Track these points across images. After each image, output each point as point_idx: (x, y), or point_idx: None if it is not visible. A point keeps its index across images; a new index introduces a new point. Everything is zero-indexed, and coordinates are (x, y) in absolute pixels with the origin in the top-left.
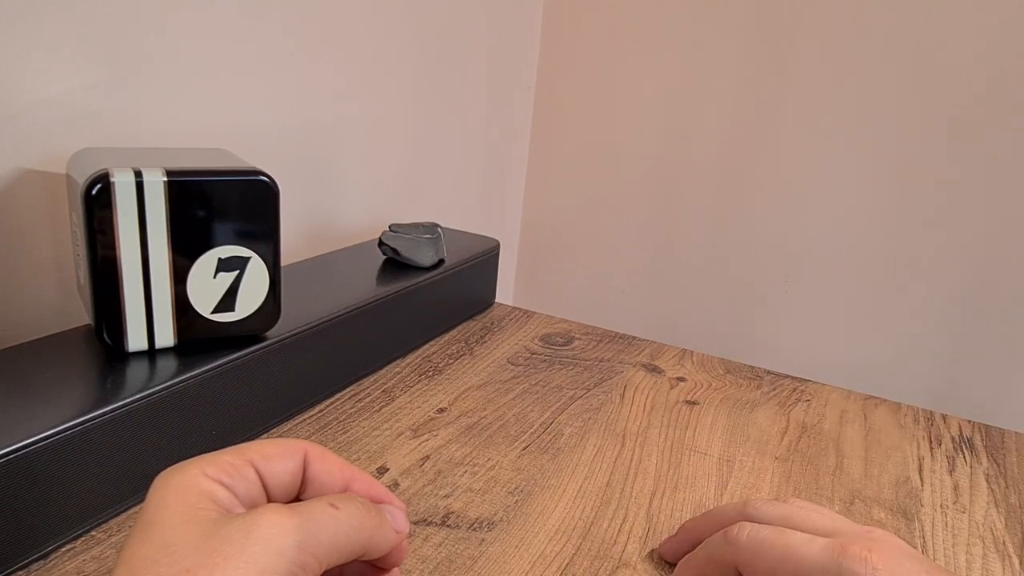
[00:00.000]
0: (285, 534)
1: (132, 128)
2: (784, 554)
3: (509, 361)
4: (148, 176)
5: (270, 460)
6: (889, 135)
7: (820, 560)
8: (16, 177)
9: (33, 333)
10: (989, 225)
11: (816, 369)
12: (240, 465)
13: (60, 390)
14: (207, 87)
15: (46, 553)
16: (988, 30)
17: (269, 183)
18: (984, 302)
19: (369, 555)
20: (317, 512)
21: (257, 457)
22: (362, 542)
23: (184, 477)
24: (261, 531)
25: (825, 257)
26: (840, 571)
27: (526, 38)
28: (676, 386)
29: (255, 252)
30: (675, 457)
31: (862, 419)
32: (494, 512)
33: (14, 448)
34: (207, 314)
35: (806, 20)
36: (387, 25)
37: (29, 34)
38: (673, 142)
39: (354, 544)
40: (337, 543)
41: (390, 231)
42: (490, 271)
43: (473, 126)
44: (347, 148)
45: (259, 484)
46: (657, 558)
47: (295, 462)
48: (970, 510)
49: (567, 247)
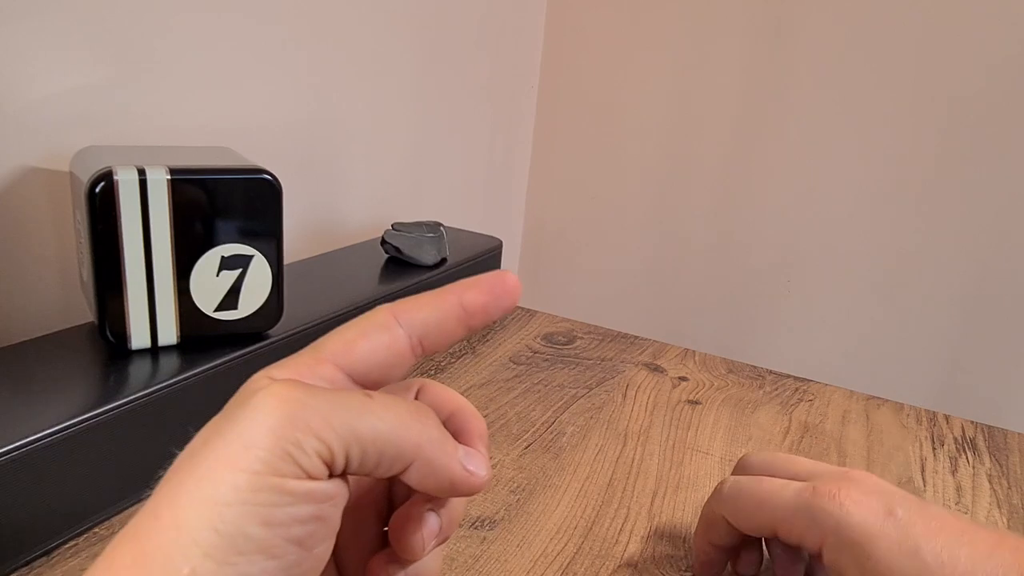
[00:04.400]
0: (275, 406)
1: (136, 126)
2: (760, 500)
3: (511, 360)
4: (151, 174)
5: (351, 346)
6: (891, 136)
7: (793, 502)
8: (20, 175)
9: (36, 330)
10: (992, 226)
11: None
12: (314, 364)
13: (63, 387)
14: (211, 86)
15: (49, 550)
16: (990, 30)
17: (272, 181)
18: (987, 302)
19: (422, 476)
20: (338, 392)
21: (335, 348)
22: (400, 444)
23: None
24: (254, 402)
25: (828, 257)
26: (811, 510)
27: (530, 37)
28: (678, 386)
29: (258, 250)
30: (677, 457)
31: (864, 419)
32: (496, 511)
33: (17, 445)
34: (210, 312)
35: (809, 21)
36: (390, 24)
37: (34, 32)
38: (676, 142)
39: (386, 442)
40: (358, 431)
41: (393, 229)
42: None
43: (476, 125)
44: (350, 147)
45: (344, 379)
46: (659, 557)
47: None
48: (972, 511)
49: (570, 246)
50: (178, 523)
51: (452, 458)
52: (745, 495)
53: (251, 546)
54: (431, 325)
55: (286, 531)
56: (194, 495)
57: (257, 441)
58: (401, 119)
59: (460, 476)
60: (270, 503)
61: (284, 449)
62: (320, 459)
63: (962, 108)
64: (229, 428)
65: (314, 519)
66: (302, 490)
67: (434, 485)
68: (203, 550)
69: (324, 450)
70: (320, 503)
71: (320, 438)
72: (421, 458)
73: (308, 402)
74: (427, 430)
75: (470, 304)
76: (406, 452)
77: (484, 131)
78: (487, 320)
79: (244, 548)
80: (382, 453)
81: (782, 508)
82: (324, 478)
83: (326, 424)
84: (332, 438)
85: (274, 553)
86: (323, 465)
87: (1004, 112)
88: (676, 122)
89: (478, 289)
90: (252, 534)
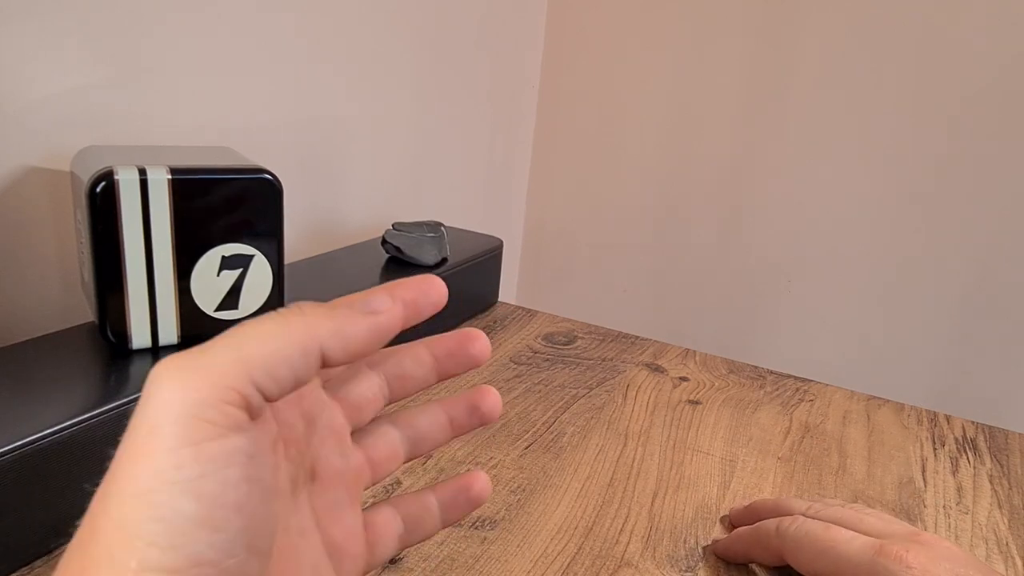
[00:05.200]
0: (165, 381)
1: (136, 126)
2: (825, 547)
3: (512, 360)
4: (152, 174)
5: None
6: (892, 136)
7: (857, 556)
8: (21, 174)
9: (37, 330)
10: (993, 226)
11: (819, 369)
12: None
13: (64, 387)
14: (211, 85)
15: (49, 549)
16: (992, 30)
17: (273, 181)
18: (988, 302)
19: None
20: (214, 341)
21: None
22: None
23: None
24: (147, 388)
25: (828, 258)
26: (874, 568)
27: (530, 37)
28: (679, 386)
29: (259, 250)
30: (677, 457)
31: (865, 419)
32: (496, 511)
33: (18, 445)
34: (211, 312)
35: (810, 21)
36: (391, 24)
37: (34, 32)
38: (677, 142)
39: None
40: (249, 358)
41: (393, 229)
42: (493, 270)
43: (477, 125)
44: (351, 146)
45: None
46: (659, 557)
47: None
48: (973, 511)
49: (570, 246)
50: (116, 524)
51: (352, 313)
52: (811, 539)
53: (190, 524)
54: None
55: (221, 498)
56: (124, 493)
57: (160, 420)
58: (402, 119)
59: (372, 321)
60: (196, 475)
61: (190, 415)
62: (231, 405)
63: (963, 109)
64: (136, 423)
65: (244, 480)
66: (222, 451)
67: (362, 345)
68: (146, 541)
69: (229, 394)
70: (244, 464)
71: (219, 386)
72: (325, 336)
73: (193, 362)
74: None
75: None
76: (305, 343)
77: (485, 131)
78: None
79: (184, 527)
80: (286, 359)
81: (846, 560)
82: (247, 424)
83: (218, 371)
84: (230, 379)
85: (216, 524)
86: (238, 409)
87: (1006, 113)
88: (677, 122)
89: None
90: (187, 511)
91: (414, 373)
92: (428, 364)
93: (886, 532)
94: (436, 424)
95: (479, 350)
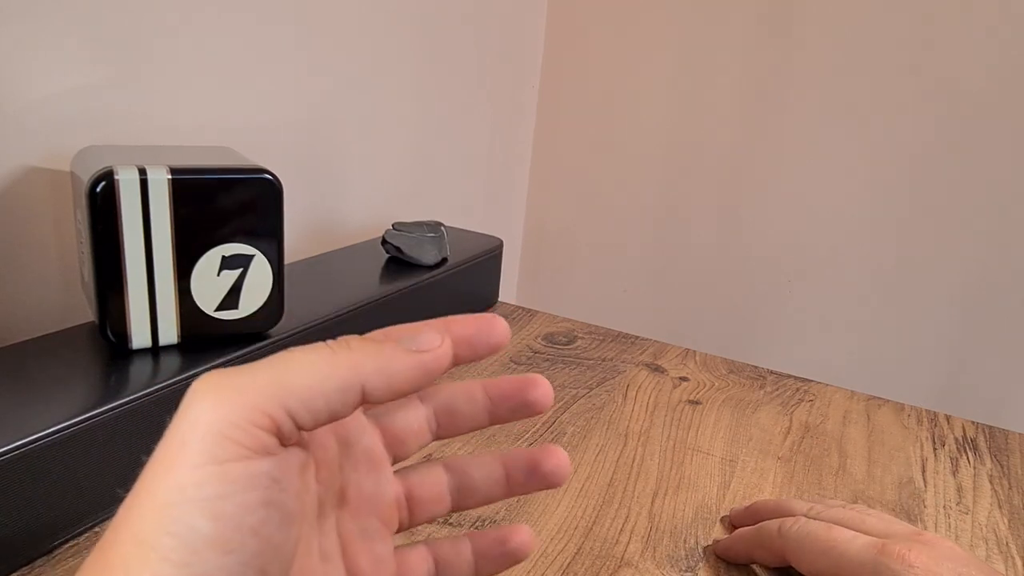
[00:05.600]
0: (202, 397)
1: (136, 126)
2: (827, 547)
3: (512, 360)
4: (152, 174)
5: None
6: (893, 136)
7: (859, 555)
8: (21, 174)
9: (37, 330)
10: (994, 226)
11: (819, 369)
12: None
13: (64, 387)
14: (211, 85)
15: (50, 549)
16: (992, 30)
17: (273, 181)
18: (989, 303)
19: (387, 386)
20: (257, 362)
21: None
22: (334, 374)
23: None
24: (185, 401)
25: (829, 258)
26: (876, 567)
27: (530, 37)
28: (679, 386)
29: (259, 250)
30: (678, 457)
31: (865, 420)
32: (496, 511)
33: (18, 444)
34: (211, 312)
35: (810, 21)
36: (391, 23)
37: (34, 32)
38: (677, 142)
39: (320, 380)
40: (288, 384)
41: (393, 229)
42: (493, 270)
43: (477, 125)
44: (351, 146)
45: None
46: (659, 557)
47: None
48: (973, 511)
49: (570, 246)
50: (134, 534)
51: (398, 351)
52: (812, 539)
53: (203, 542)
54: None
55: (238, 521)
56: (145, 505)
57: (191, 435)
58: (402, 119)
59: (417, 360)
60: (215, 495)
61: (220, 433)
62: (261, 429)
63: (964, 108)
64: (169, 434)
65: (263, 505)
66: (245, 473)
67: (407, 384)
68: (160, 555)
69: (261, 418)
70: (267, 487)
71: (252, 408)
72: (368, 373)
73: (230, 381)
74: (356, 348)
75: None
76: (347, 378)
77: (485, 131)
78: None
79: (197, 546)
80: (324, 392)
81: (848, 559)
82: (277, 449)
83: (254, 393)
84: (264, 403)
85: (229, 547)
86: (267, 434)
87: (1006, 112)
88: (677, 122)
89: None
90: (202, 530)
91: (465, 410)
92: (481, 404)
93: (888, 532)
94: (491, 478)
95: (538, 397)
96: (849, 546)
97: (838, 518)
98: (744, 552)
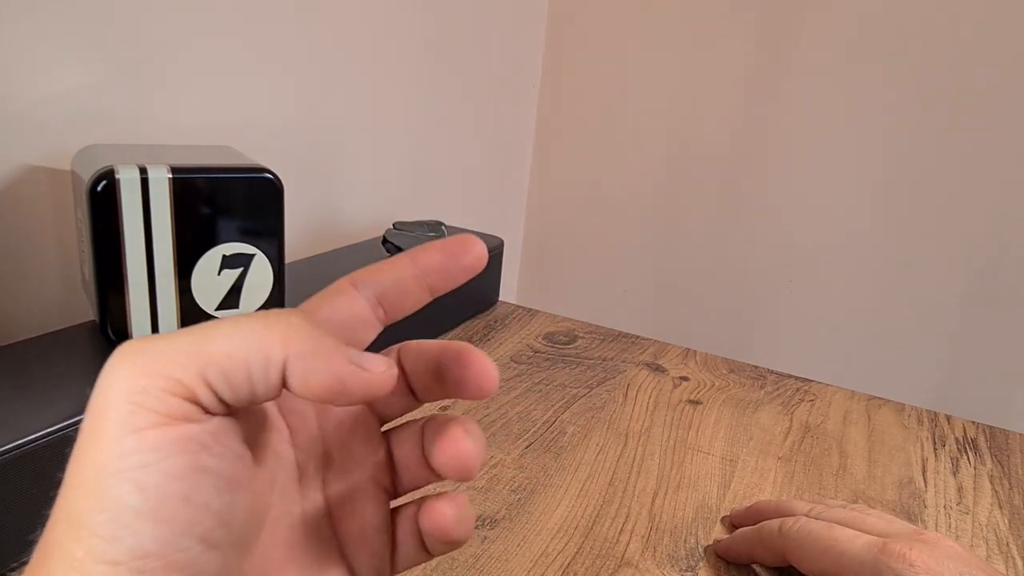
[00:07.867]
0: (115, 366)
1: (137, 125)
2: (828, 546)
3: (512, 359)
4: (153, 173)
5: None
6: (893, 135)
7: (859, 554)
8: (22, 173)
9: (38, 329)
10: (994, 226)
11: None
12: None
13: (64, 386)
14: (212, 84)
15: None
16: (992, 29)
17: (273, 180)
18: (989, 303)
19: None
20: (182, 329)
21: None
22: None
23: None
24: (101, 374)
25: (829, 258)
26: (876, 566)
27: (531, 36)
28: (679, 385)
29: (259, 249)
30: (678, 456)
31: (866, 420)
32: (496, 510)
33: (18, 443)
34: (211, 311)
35: (810, 22)
36: (392, 23)
37: (35, 31)
38: (677, 142)
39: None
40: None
41: (394, 229)
42: (494, 269)
43: (477, 124)
44: (351, 146)
45: None
46: (659, 557)
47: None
48: (974, 511)
49: (571, 246)
50: (67, 514)
51: (334, 353)
52: (813, 538)
53: (132, 514)
54: (387, 284)
55: (164, 489)
56: (74, 483)
57: (106, 405)
58: (403, 118)
59: (348, 371)
60: (138, 464)
61: (131, 401)
62: (174, 396)
63: (964, 107)
64: (91, 405)
65: (193, 471)
66: (165, 440)
67: (323, 385)
68: (90, 531)
69: (174, 385)
70: (194, 452)
71: (164, 375)
72: (293, 356)
73: (146, 347)
74: (293, 329)
75: (424, 262)
76: (272, 354)
77: (485, 130)
78: (448, 280)
79: (127, 519)
80: (246, 364)
81: (848, 558)
82: (199, 415)
83: (168, 360)
84: (178, 371)
85: (160, 516)
86: (182, 401)
87: (1006, 111)
88: (677, 122)
89: (433, 248)
90: (130, 502)
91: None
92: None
93: (889, 531)
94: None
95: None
96: (850, 545)
97: (839, 518)
98: (745, 551)
